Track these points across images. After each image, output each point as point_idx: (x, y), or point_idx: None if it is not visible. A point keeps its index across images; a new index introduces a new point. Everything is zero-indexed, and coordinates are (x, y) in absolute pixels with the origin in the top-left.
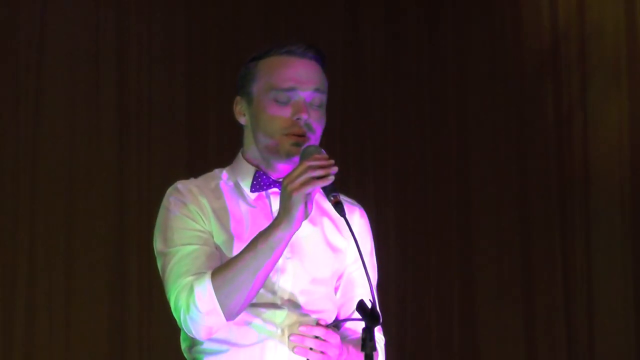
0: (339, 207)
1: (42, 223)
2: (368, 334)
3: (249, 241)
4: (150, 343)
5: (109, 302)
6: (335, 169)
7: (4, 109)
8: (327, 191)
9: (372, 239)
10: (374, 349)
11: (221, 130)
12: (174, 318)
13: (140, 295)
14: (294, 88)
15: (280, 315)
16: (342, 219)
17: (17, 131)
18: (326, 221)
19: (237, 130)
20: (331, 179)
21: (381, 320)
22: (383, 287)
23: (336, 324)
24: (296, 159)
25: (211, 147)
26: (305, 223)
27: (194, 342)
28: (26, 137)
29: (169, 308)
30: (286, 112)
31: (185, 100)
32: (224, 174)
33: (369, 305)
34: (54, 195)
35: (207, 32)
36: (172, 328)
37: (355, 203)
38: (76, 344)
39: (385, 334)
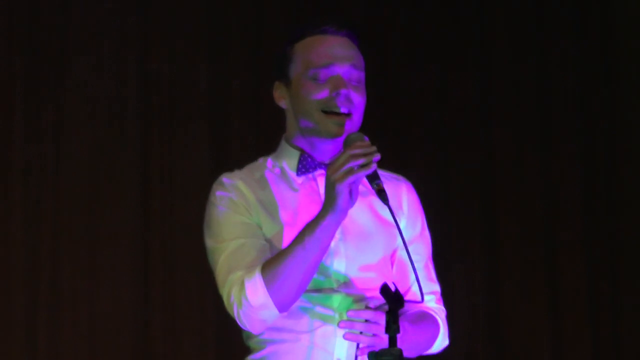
0: (382, 194)
1: (66, 228)
2: (392, 316)
3: (299, 228)
4: (175, 339)
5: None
6: (378, 156)
7: (26, 109)
8: (371, 179)
9: (422, 212)
10: (398, 331)
11: (244, 128)
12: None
13: (164, 299)
14: (330, 63)
15: (337, 299)
16: (388, 193)
17: (39, 131)
18: (374, 198)
19: (258, 125)
20: (374, 166)
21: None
22: None
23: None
24: (340, 139)
25: (234, 145)
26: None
27: (252, 333)
28: (47, 137)
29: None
30: (325, 90)
31: (208, 97)
32: (268, 161)
33: (393, 288)
34: (76, 199)
35: (229, 19)
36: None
37: (401, 177)
38: (100, 348)
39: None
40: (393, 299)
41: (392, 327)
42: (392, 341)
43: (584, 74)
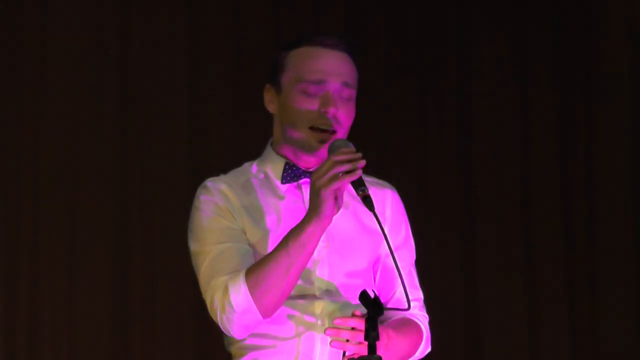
0: (367, 201)
1: (46, 224)
2: (371, 323)
3: (283, 235)
4: (154, 339)
5: (110, 305)
6: (362, 163)
7: (6, 108)
8: (356, 185)
9: (406, 219)
10: (377, 338)
11: (224, 132)
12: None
13: (144, 296)
14: (322, 81)
15: (319, 306)
16: (375, 200)
17: (19, 131)
18: (358, 204)
19: (239, 124)
20: (359, 173)
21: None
22: None
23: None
24: (323, 151)
25: (214, 145)
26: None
27: (234, 339)
28: (27, 137)
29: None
30: (314, 105)
31: (187, 95)
32: (253, 166)
33: (372, 294)
34: (56, 196)
35: (209, 26)
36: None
37: (385, 183)
38: (79, 342)
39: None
40: (372, 306)
41: (371, 334)
42: (372, 348)
43: (563, 77)
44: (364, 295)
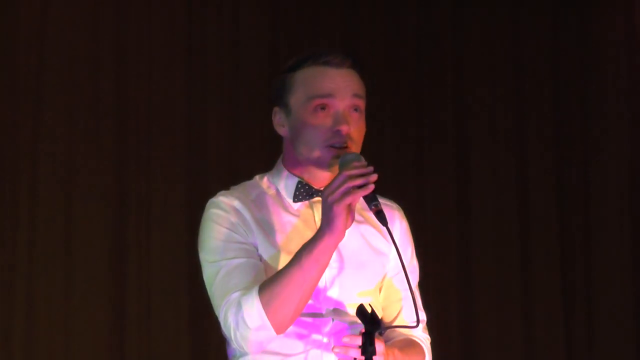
0: (380, 215)
1: (42, 226)
2: (368, 338)
3: (294, 252)
4: (149, 343)
5: (108, 306)
6: (374, 177)
7: (3, 109)
8: (368, 200)
9: (411, 241)
10: (374, 353)
11: (221, 132)
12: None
13: (140, 296)
14: (332, 96)
15: (327, 324)
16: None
17: (16, 132)
18: (368, 225)
19: (237, 136)
20: (371, 187)
21: (382, 324)
22: None
23: (380, 332)
24: (337, 169)
25: (211, 149)
26: (348, 230)
27: (240, 354)
28: (25, 139)
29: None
30: (326, 123)
31: (185, 102)
32: (264, 180)
33: (369, 309)
34: (53, 198)
35: (207, 33)
36: (171, 330)
37: (394, 204)
38: (75, 345)
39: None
40: (369, 321)
41: (368, 349)
42: None
43: (560, 79)
44: (361, 310)
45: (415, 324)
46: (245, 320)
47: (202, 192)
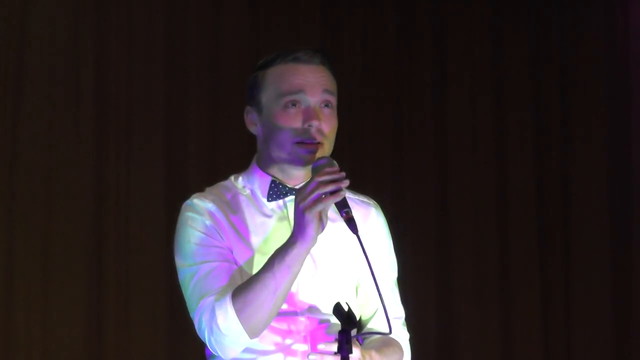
0: (351, 223)
1: (21, 223)
2: (345, 336)
3: (269, 254)
4: (127, 342)
5: (85, 306)
6: (346, 183)
7: None
8: (339, 206)
9: (389, 236)
10: (350, 351)
11: (200, 130)
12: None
13: (118, 292)
14: (302, 94)
15: (302, 322)
16: (357, 218)
17: None
18: (342, 224)
19: (217, 130)
20: (343, 194)
21: (356, 322)
22: None
23: (357, 338)
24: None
25: (191, 147)
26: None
27: (217, 353)
28: (4, 136)
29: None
30: (297, 120)
31: (163, 99)
32: (239, 181)
33: (346, 308)
34: (31, 196)
35: (188, 28)
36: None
37: (370, 200)
38: (52, 342)
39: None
40: (346, 319)
41: (344, 348)
42: None
43: (539, 80)
44: (337, 308)
45: (388, 330)
46: (219, 325)
47: (181, 187)
